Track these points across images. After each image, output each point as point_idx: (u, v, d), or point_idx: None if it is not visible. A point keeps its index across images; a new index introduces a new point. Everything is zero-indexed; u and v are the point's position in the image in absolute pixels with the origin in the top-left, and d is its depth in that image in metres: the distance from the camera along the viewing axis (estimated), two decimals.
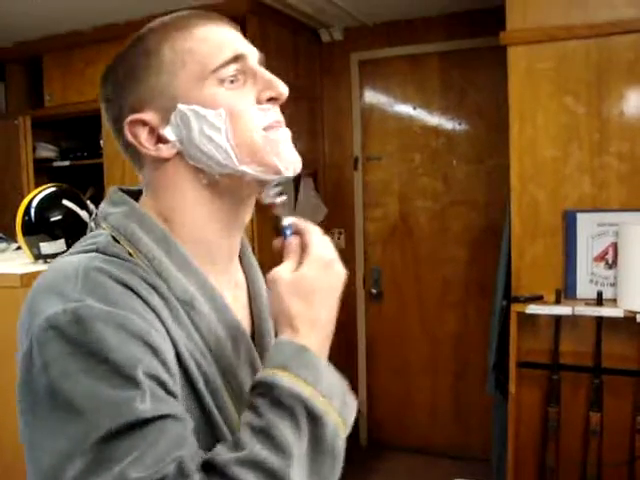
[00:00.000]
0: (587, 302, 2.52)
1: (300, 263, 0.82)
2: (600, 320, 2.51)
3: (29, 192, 2.48)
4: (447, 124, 3.76)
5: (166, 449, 0.68)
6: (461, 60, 3.66)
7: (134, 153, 0.89)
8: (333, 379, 0.78)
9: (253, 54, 0.88)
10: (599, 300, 2.49)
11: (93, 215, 2.35)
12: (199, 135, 0.83)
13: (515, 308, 2.57)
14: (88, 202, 2.39)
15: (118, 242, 0.84)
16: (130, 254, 0.83)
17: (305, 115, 3.83)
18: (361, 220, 3.92)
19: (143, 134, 0.85)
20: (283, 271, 0.82)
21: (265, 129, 0.87)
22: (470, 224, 3.72)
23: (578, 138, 2.54)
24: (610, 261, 2.53)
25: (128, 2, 3.20)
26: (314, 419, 0.74)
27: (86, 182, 3.89)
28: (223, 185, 0.87)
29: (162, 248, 0.84)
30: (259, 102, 0.87)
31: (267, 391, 0.74)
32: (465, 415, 3.80)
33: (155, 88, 0.85)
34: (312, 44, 3.89)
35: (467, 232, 3.73)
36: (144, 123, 0.85)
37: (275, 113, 0.89)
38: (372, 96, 3.93)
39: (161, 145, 0.85)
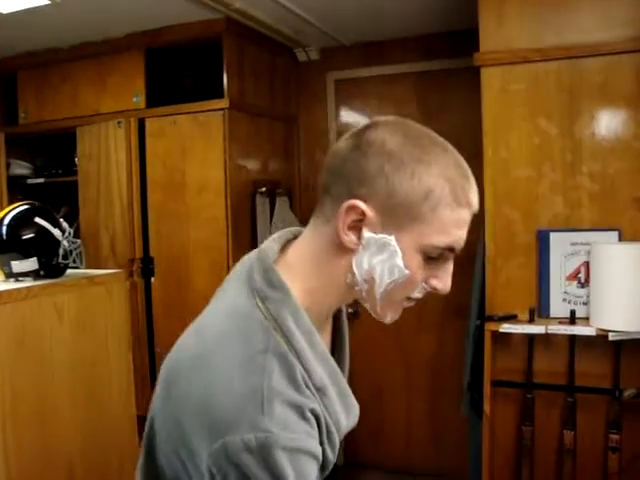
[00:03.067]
0: (560, 321, 2.54)
1: None
2: (573, 339, 2.53)
3: (1, 209, 2.45)
4: None
5: None
6: (437, 80, 3.69)
7: (331, 208, 0.98)
8: None
9: (461, 244, 0.99)
10: (572, 319, 2.51)
11: (69, 242, 2.33)
12: (379, 264, 0.97)
13: (489, 327, 2.58)
14: (61, 220, 2.37)
15: (275, 330, 0.96)
16: (286, 344, 0.95)
17: (281, 134, 3.84)
18: None
19: (351, 216, 0.95)
20: None
21: (408, 298, 1.02)
22: None
23: (551, 159, 2.57)
24: (583, 280, 2.56)
25: (105, 21, 3.20)
26: None
27: (60, 200, 3.85)
28: (355, 291, 1.01)
29: (307, 340, 0.97)
30: (425, 279, 1.00)
31: None
32: (441, 435, 3.80)
33: (398, 211, 0.94)
34: (288, 64, 3.91)
35: None
36: (362, 213, 0.94)
37: (420, 294, 1.03)
38: (348, 116, 3.96)
39: (352, 236, 0.96)
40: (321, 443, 0.96)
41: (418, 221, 0.94)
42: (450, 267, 1.01)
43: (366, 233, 0.95)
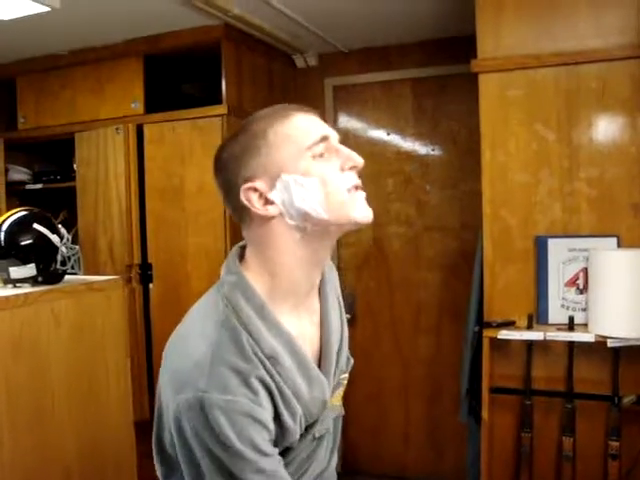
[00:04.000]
0: (559, 327, 2.53)
1: None
2: (572, 345, 2.53)
3: (0, 215, 2.45)
4: (420, 149, 3.79)
5: None
6: (434, 86, 3.70)
7: (243, 213, 1.14)
8: None
9: (334, 135, 1.15)
10: (570, 325, 2.51)
11: (67, 248, 2.33)
12: (298, 197, 1.09)
13: (487, 333, 2.58)
14: (59, 226, 2.37)
15: (227, 307, 1.12)
16: (235, 318, 1.10)
17: None
18: (335, 245, 3.90)
19: (254, 197, 1.11)
20: None
21: (348, 190, 1.13)
22: (444, 249, 3.74)
23: (549, 164, 2.58)
24: (581, 286, 2.55)
25: (104, 27, 3.21)
26: None
27: (59, 205, 3.86)
28: (312, 235, 1.13)
29: (257, 314, 1.11)
30: (342, 170, 1.13)
31: None
32: (439, 440, 3.79)
33: (264, 163, 1.10)
34: (286, 69, 3.91)
35: (441, 257, 3.75)
36: (255, 189, 1.10)
37: (355, 178, 1.14)
38: (346, 121, 3.96)
39: (268, 206, 1.11)
40: (277, 410, 1.09)
41: (280, 150, 1.10)
42: (343, 149, 1.14)
43: (271, 195, 1.10)
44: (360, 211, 1.14)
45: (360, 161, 1.14)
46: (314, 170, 1.10)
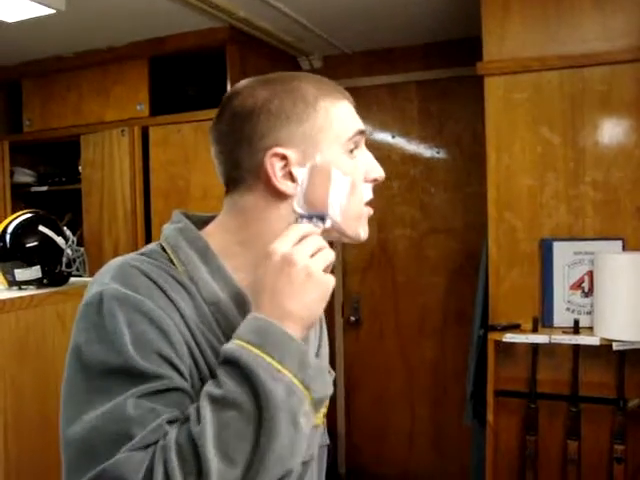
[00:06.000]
0: (564, 330, 2.53)
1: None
2: (577, 348, 2.52)
3: (6, 217, 2.46)
4: (425, 152, 3.79)
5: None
6: (439, 89, 3.70)
7: (249, 175, 0.98)
8: (285, 340, 0.84)
9: (362, 125, 1.04)
10: (576, 328, 2.50)
11: (72, 250, 2.34)
12: (323, 187, 0.97)
13: (492, 336, 2.57)
14: (64, 228, 2.37)
15: (165, 250, 0.99)
16: (171, 260, 0.97)
17: None
18: (339, 248, 3.91)
19: (278, 166, 0.96)
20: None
21: (365, 204, 1.04)
22: (448, 252, 3.73)
23: (554, 167, 2.57)
24: (586, 289, 2.55)
25: (110, 29, 3.21)
26: (249, 375, 0.80)
27: (64, 208, 3.86)
28: None
29: (200, 257, 0.97)
30: (365, 180, 1.03)
31: (221, 360, 0.84)
32: (443, 443, 3.79)
33: (305, 133, 0.96)
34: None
35: (445, 260, 3.75)
36: (284, 157, 0.95)
37: (371, 193, 1.05)
38: None
39: (288, 182, 0.96)
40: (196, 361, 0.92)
41: (325, 130, 0.98)
42: (369, 153, 1.05)
43: (296, 171, 0.96)
44: (365, 229, 1.05)
45: (383, 176, 1.05)
46: (347, 168, 0.99)
